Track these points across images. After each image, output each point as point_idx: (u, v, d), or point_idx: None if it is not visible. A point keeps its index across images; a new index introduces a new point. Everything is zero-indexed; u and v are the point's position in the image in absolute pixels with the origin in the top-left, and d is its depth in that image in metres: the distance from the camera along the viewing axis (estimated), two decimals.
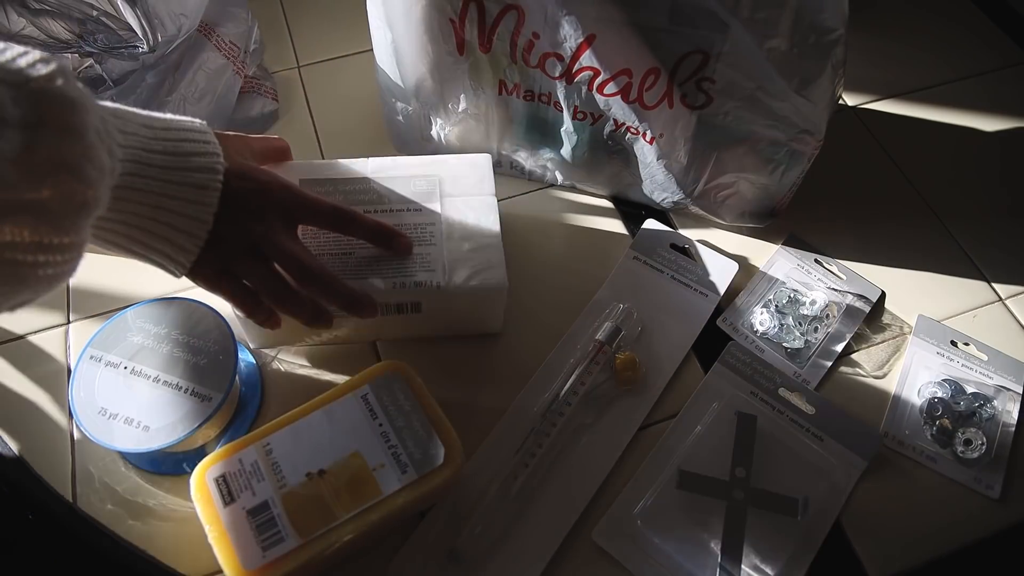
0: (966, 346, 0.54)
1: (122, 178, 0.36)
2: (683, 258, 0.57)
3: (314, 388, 0.50)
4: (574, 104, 0.53)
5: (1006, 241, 0.60)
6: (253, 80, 0.64)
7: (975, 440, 0.49)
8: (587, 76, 0.50)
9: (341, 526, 0.41)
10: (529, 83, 0.53)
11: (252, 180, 0.43)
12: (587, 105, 0.52)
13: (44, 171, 0.29)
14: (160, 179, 0.38)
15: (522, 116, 0.56)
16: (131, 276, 0.57)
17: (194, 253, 0.41)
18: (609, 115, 0.52)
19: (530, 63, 0.51)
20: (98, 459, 0.49)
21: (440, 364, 0.52)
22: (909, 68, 0.71)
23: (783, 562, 0.45)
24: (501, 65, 0.52)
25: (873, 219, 0.61)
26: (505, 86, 0.53)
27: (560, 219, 0.61)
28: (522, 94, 0.54)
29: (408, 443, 0.43)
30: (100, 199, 0.33)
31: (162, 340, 0.47)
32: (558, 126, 0.55)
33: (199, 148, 0.40)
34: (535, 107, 0.55)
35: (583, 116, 0.53)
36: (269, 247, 0.43)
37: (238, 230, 0.42)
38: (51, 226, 0.30)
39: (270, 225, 0.43)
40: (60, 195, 0.30)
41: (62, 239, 0.31)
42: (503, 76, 0.53)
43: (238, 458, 0.43)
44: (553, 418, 0.49)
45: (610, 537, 0.46)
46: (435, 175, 0.52)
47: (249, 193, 0.43)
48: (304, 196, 0.45)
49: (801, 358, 0.53)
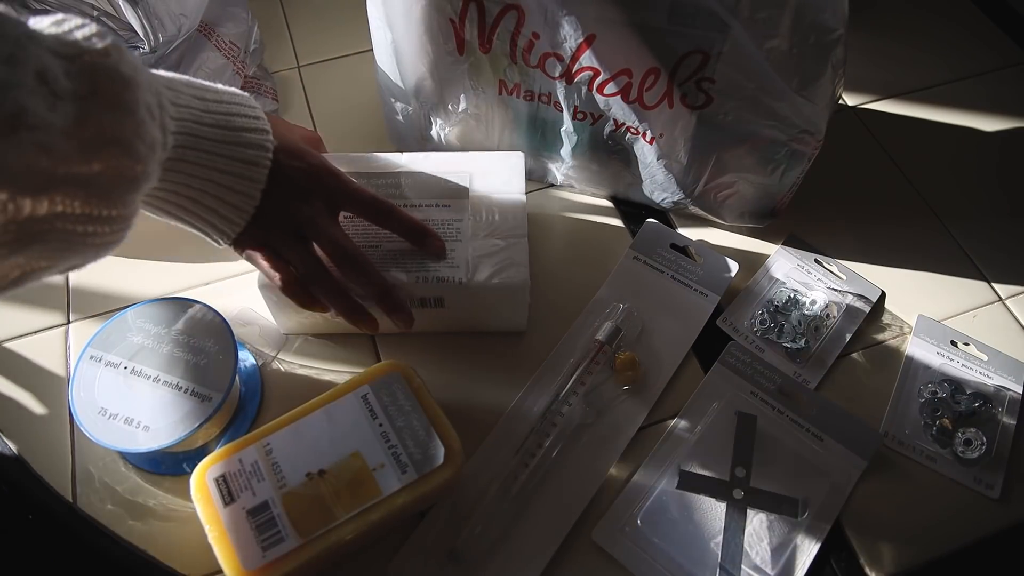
0: (966, 346, 0.54)
1: (174, 151, 0.37)
2: (683, 258, 0.57)
3: (314, 388, 0.50)
4: (574, 104, 0.53)
5: (1006, 241, 0.60)
6: (253, 80, 0.64)
7: (975, 440, 0.49)
8: (587, 76, 0.50)
9: (341, 526, 0.41)
10: (529, 83, 0.53)
11: (302, 160, 0.44)
12: (587, 105, 0.52)
13: (95, 145, 0.30)
14: (211, 152, 0.39)
15: (522, 116, 0.56)
16: (131, 276, 0.57)
17: (240, 226, 0.43)
18: (609, 115, 0.52)
19: (530, 63, 0.51)
20: (98, 459, 0.49)
21: (440, 364, 0.52)
22: (909, 68, 0.71)
23: (783, 562, 0.45)
24: (501, 65, 0.52)
25: (873, 219, 0.61)
26: (505, 86, 0.53)
27: (560, 219, 0.61)
28: (522, 94, 0.54)
29: (408, 443, 0.43)
30: (150, 174, 0.33)
31: (162, 340, 0.47)
32: (558, 126, 0.55)
33: (250, 124, 0.41)
34: (535, 107, 0.55)
35: (583, 116, 0.53)
36: (312, 229, 0.44)
37: (283, 209, 0.43)
38: (101, 199, 0.31)
39: (315, 207, 0.44)
40: (110, 169, 0.31)
41: (111, 211, 0.32)
42: (503, 76, 0.53)
43: (238, 458, 0.43)
44: (553, 418, 0.49)
45: (610, 537, 0.46)
46: (466, 171, 0.52)
47: (298, 173, 0.44)
48: (349, 183, 0.46)
49: (801, 358, 0.53)
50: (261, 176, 0.41)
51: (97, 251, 0.33)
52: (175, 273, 0.57)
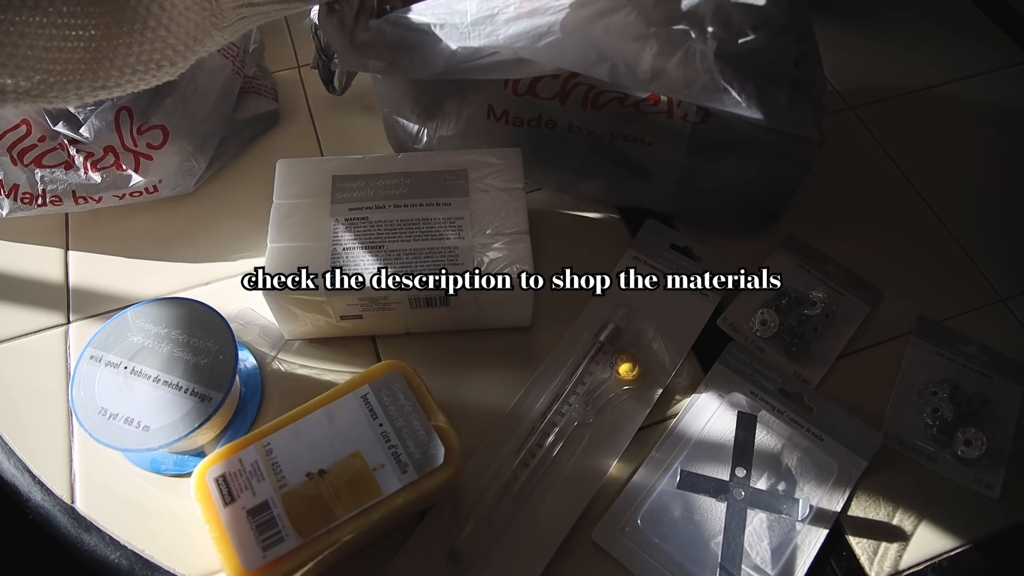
0: (966, 346, 0.54)
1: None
2: (683, 258, 0.57)
3: (314, 388, 0.50)
4: (568, 120, 0.53)
5: (1006, 241, 0.60)
6: (253, 80, 0.64)
7: (975, 440, 0.49)
8: (582, 91, 0.50)
9: (341, 526, 0.41)
10: (519, 111, 0.53)
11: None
12: (582, 120, 0.52)
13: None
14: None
15: (513, 135, 0.56)
16: (131, 276, 0.57)
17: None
18: (605, 128, 0.52)
19: (519, 92, 0.51)
20: (98, 459, 0.49)
21: (440, 364, 0.52)
22: (909, 68, 0.71)
23: (783, 562, 0.45)
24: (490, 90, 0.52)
25: (873, 219, 0.61)
26: (493, 112, 0.53)
27: (560, 219, 0.61)
28: (510, 120, 0.54)
29: (408, 443, 0.43)
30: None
31: (162, 340, 0.47)
32: (553, 139, 0.55)
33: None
34: (525, 130, 0.55)
35: (578, 130, 0.53)
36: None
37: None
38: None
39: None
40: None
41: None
42: (491, 101, 0.53)
43: (238, 458, 0.43)
44: (553, 418, 0.49)
45: (610, 537, 0.46)
46: (464, 168, 0.52)
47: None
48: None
49: (801, 358, 0.53)
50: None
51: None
52: (175, 273, 0.57)
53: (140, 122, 0.55)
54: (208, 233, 0.59)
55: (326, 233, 0.49)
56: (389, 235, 0.49)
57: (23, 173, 0.55)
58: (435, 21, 0.47)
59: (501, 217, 0.50)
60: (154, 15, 0.38)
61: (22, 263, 0.58)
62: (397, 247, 0.49)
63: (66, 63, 0.36)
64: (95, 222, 0.59)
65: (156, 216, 0.60)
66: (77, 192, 0.56)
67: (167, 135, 0.56)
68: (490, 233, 0.50)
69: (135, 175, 0.56)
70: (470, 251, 0.49)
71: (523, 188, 0.52)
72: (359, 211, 0.50)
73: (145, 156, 0.56)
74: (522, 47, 0.45)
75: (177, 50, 0.40)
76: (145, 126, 0.55)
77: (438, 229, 0.50)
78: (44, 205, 0.56)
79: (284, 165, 0.53)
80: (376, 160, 0.53)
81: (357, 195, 0.51)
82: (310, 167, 0.53)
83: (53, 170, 0.55)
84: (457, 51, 0.47)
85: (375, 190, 0.51)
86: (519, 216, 0.51)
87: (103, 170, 0.55)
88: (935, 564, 0.46)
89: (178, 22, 0.39)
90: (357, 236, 0.49)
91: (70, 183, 0.55)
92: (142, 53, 0.39)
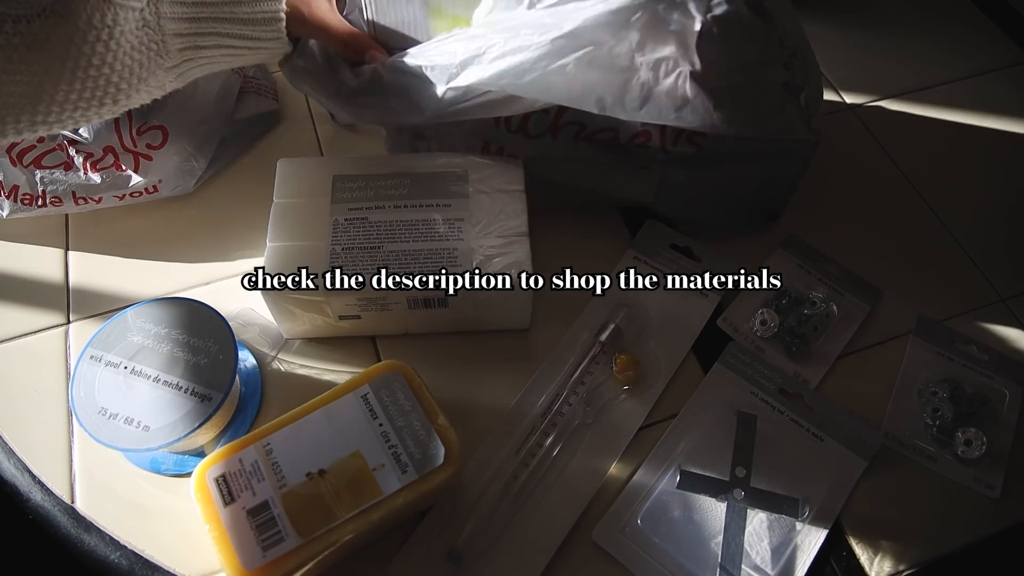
0: (966, 346, 0.54)
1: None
2: (683, 258, 0.57)
3: (314, 388, 0.50)
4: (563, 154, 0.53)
5: (1006, 241, 0.60)
6: (253, 80, 0.64)
7: (975, 440, 0.49)
8: (572, 131, 0.50)
9: (341, 526, 0.41)
10: (513, 148, 0.53)
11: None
12: (574, 153, 0.52)
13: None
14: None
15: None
16: (131, 276, 0.57)
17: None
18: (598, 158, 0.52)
19: (511, 127, 0.51)
20: (98, 459, 0.49)
21: (440, 364, 0.52)
22: (909, 68, 0.71)
23: (783, 562, 0.45)
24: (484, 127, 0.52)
25: (873, 219, 0.61)
26: (488, 149, 0.54)
27: (560, 219, 0.60)
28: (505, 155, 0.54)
29: (408, 443, 0.43)
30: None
31: (162, 340, 0.47)
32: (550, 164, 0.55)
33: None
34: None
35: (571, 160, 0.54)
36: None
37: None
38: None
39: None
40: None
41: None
42: (487, 139, 0.53)
43: (238, 458, 0.43)
44: (553, 418, 0.49)
45: (610, 537, 0.46)
46: (464, 170, 0.52)
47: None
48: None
49: (801, 358, 0.53)
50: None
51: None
52: (175, 273, 0.57)
53: (140, 122, 0.55)
54: (208, 233, 0.59)
55: (326, 233, 0.49)
56: (389, 235, 0.49)
57: (23, 174, 0.55)
58: (427, 63, 0.48)
59: (501, 219, 0.50)
60: (99, 53, 0.38)
61: (22, 263, 0.58)
62: (397, 248, 0.49)
63: (7, 96, 0.36)
64: (95, 222, 0.59)
65: (156, 216, 0.60)
66: (77, 193, 0.56)
67: (167, 135, 0.56)
68: (490, 235, 0.50)
69: (135, 175, 0.56)
70: (470, 252, 0.49)
71: (523, 190, 0.52)
72: (359, 211, 0.50)
73: (145, 156, 0.56)
74: (508, 83, 0.45)
75: (120, 88, 0.40)
76: (145, 126, 0.56)
77: (438, 230, 0.50)
78: (44, 206, 0.56)
79: (284, 164, 0.53)
80: (376, 160, 0.54)
81: (357, 195, 0.51)
82: (310, 167, 0.53)
83: (53, 171, 0.55)
84: (447, 92, 0.47)
85: (375, 190, 0.51)
86: (519, 218, 0.51)
87: (103, 170, 0.55)
88: (935, 564, 0.46)
89: (123, 61, 0.40)
90: (357, 236, 0.49)
91: (70, 184, 0.55)
92: (84, 90, 0.39)
